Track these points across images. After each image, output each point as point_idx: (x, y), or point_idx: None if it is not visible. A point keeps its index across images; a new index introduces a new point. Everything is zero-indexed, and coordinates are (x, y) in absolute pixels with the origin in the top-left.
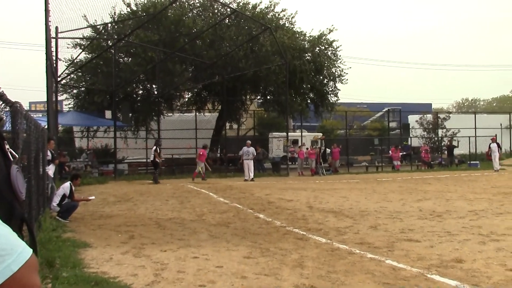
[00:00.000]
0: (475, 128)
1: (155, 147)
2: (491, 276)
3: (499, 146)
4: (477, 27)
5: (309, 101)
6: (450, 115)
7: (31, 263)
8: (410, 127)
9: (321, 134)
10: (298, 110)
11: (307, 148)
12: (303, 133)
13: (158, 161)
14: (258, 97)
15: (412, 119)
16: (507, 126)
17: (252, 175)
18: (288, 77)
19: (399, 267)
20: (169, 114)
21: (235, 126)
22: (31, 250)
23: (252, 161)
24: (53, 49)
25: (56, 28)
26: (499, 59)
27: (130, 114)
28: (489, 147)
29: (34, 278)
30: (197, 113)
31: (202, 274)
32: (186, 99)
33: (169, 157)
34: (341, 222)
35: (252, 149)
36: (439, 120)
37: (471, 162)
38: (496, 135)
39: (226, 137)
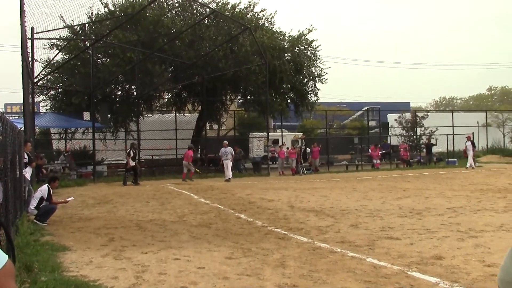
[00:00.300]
0: (453, 126)
1: (129, 150)
2: (470, 272)
3: (473, 144)
4: (454, 27)
5: (289, 100)
6: (428, 113)
7: (7, 270)
8: (389, 126)
9: (301, 133)
10: (278, 110)
11: (287, 148)
12: (283, 133)
13: (131, 164)
14: (238, 97)
15: (391, 118)
16: (483, 124)
17: (229, 175)
18: (268, 77)
19: (380, 265)
20: (148, 115)
21: (215, 126)
22: (6, 256)
23: (230, 161)
24: (29, 50)
25: (32, 28)
26: (475, 58)
27: (109, 115)
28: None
29: (10, 285)
30: (177, 114)
31: (184, 275)
32: (166, 100)
33: (149, 158)
34: (322, 221)
35: (230, 149)
36: (418, 118)
37: (449, 159)
38: (472, 133)
39: (206, 137)
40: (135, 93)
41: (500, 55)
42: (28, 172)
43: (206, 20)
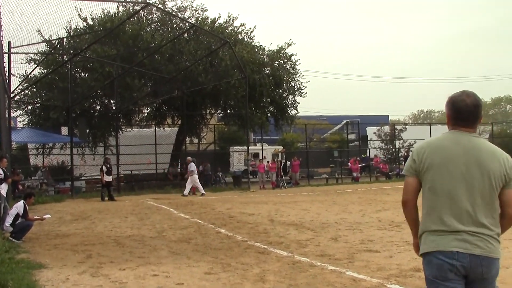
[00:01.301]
0: None
1: (101, 165)
2: None
3: None
4: (429, 41)
5: (269, 114)
6: (407, 126)
7: None
8: (369, 139)
9: (281, 147)
10: (259, 124)
11: (268, 162)
12: (263, 147)
13: (105, 180)
14: (218, 111)
15: (370, 131)
16: None
17: (186, 191)
18: (248, 91)
19: (359, 278)
20: (128, 130)
21: (195, 140)
22: None
23: (193, 176)
24: (6, 64)
25: (9, 43)
26: (451, 72)
27: (88, 130)
28: None
29: None
30: (156, 128)
31: None
32: (146, 114)
33: (128, 173)
34: (302, 235)
35: (192, 164)
36: (396, 131)
37: None
38: None
39: (186, 151)
40: (114, 108)
41: (474, 69)
42: (3, 189)
43: (186, 35)
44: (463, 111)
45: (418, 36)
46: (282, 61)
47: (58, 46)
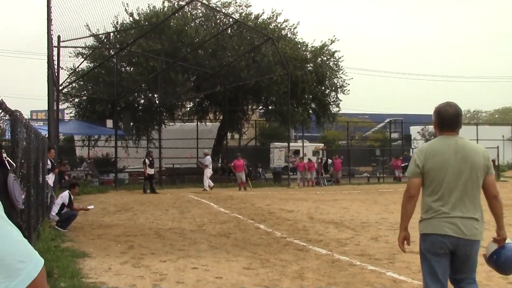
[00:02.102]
0: (477, 139)
1: (144, 158)
2: None
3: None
4: (478, 39)
5: (310, 111)
6: None
7: (44, 270)
8: (412, 138)
9: (322, 144)
10: (300, 121)
11: (309, 159)
12: (304, 144)
13: (148, 173)
14: (260, 107)
15: (414, 130)
16: (509, 138)
17: (206, 185)
18: (290, 87)
19: (400, 279)
20: (170, 124)
21: (236, 136)
22: (43, 260)
23: (207, 170)
24: (55, 58)
25: (59, 37)
26: (501, 71)
27: (132, 123)
28: None
29: (46, 285)
30: (198, 123)
31: (201, 285)
32: (188, 109)
33: (170, 167)
34: (342, 233)
35: (208, 158)
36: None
37: None
38: (497, 147)
39: (227, 147)
40: (157, 102)
41: None
42: (50, 178)
43: (229, 30)
44: (447, 120)
45: (466, 33)
46: (325, 58)
47: (105, 40)
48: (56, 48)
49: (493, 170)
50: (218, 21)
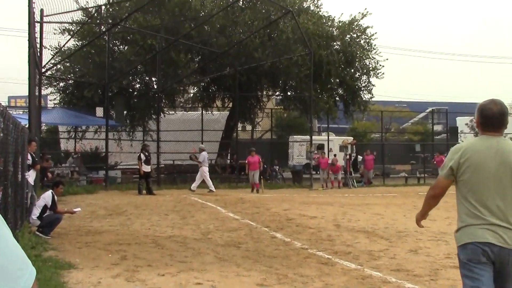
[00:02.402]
0: None
1: (139, 153)
2: None
3: None
4: None
5: (337, 98)
6: (509, 116)
7: (35, 280)
8: (459, 131)
9: (351, 138)
10: (325, 109)
11: (334, 155)
12: (330, 137)
13: (144, 170)
14: (277, 93)
15: (461, 121)
16: None
17: (210, 184)
18: (313, 69)
19: None
20: (170, 112)
21: (248, 127)
22: (34, 270)
23: (202, 168)
24: (37, 35)
25: (41, 10)
26: None
27: (125, 112)
28: None
29: None
30: (203, 111)
31: None
32: (191, 95)
33: (169, 163)
34: (374, 244)
35: (204, 154)
36: None
37: None
38: None
39: (237, 140)
40: (155, 87)
41: None
42: (31, 176)
43: (241, 2)
44: (491, 118)
45: None
46: (354, 35)
47: (95, 15)
48: (39, 24)
49: None
50: None
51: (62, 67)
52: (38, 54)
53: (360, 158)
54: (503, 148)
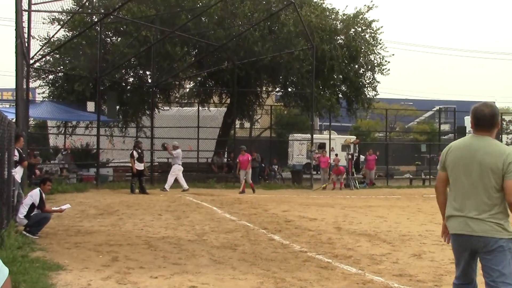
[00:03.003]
0: None
1: (132, 150)
2: None
3: None
4: None
5: (340, 95)
6: None
7: (8, 282)
8: (467, 131)
9: (354, 137)
10: (327, 106)
11: (336, 155)
12: (332, 136)
13: (137, 168)
14: (277, 89)
15: (469, 121)
16: None
17: (168, 184)
18: (315, 64)
19: None
20: (165, 108)
21: (247, 124)
22: (7, 270)
23: (175, 166)
24: (25, 24)
25: None
26: None
27: (118, 107)
28: None
29: None
30: (200, 107)
31: None
32: (187, 90)
33: (163, 161)
34: (376, 248)
35: (178, 151)
36: (504, 122)
37: None
38: None
39: (235, 138)
40: (150, 81)
41: None
42: (18, 173)
43: None
44: (482, 120)
45: None
46: (359, 29)
47: (87, 4)
48: (27, 13)
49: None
50: None
51: (51, 58)
52: (26, 45)
53: (362, 158)
54: (485, 147)
